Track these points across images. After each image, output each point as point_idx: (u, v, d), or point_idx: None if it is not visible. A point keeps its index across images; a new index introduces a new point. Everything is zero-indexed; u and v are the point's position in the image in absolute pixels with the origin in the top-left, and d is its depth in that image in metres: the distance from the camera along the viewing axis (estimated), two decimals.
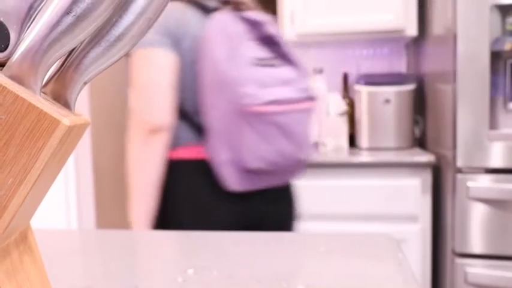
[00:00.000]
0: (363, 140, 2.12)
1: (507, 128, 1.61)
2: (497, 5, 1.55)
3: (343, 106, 2.20)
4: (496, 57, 1.61)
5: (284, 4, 2.18)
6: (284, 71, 1.15)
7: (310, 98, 1.17)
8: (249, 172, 1.11)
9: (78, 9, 0.31)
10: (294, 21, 2.12)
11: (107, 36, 0.34)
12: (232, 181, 1.12)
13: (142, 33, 0.35)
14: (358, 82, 2.16)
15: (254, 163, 1.10)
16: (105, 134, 2.69)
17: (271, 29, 1.16)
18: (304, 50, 2.47)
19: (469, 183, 1.60)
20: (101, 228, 2.57)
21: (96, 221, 2.49)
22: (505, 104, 1.61)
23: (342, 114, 2.19)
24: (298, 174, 1.24)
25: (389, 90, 2.07)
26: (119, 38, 0.35)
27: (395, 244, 0.65)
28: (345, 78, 2.34)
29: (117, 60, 0.36)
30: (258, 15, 1.16)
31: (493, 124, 1.61)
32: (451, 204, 1.66)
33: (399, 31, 2.07)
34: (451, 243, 1.67)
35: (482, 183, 1.59)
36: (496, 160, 1.58)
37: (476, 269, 1.62)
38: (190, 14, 1.14)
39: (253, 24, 1.14)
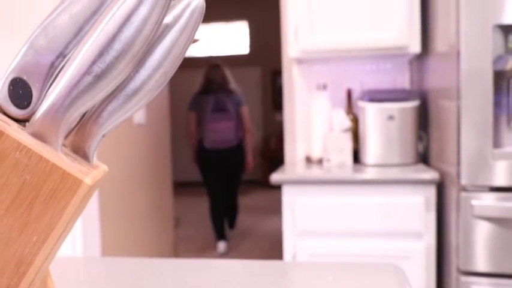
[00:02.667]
0: (367, 156, 2.13)
1: (511, 146, 1.62)
2: (500, 25, 1.56)
3: (347, 122, 2.21)
4: (499, 75, 1.62)
5: (288, 21, 2.20)
6: (223, 113, 3.97)
7: (229, 120, 3.98)
8: (210, 142, 4.01)
9: (99, 70, 0.32)
10: (298, 38, 2.14)
11: (124, 90, 0.36)
12: (207, 144, 4.03)
13: (159, 87, 0.36)
14: (362, 99, 2.17)
15: (209, 139, 4.01)
16: (111, 159, 2.70)
17: (226, 97, 3.97)
18: (308, 66, 2.48)
19: (473, 202, 1.60)
20: (107, 255, 2.57)
21: (101, 248, 2.48)
22: (508, 122, 1.62)
23: (346, 130, 2.20)
24: (232, 145, 4.01)
25: (393, 107, 2.08)
26: (136, 92, 0.36)
27: (403, 275, 0.65)
28: (349, 94, 2.36)
29: (135, 112, 0.37)
30: (224, 94, 3.99)
31: (496, 142, 1.62)
32: (456, 222, 1.67)
33: (403, 48, 2.09)
34: (455, 261, 1.67)
35: (486, 201, 1.60)
36: (500, 178, 1.59)
37: (481, 287, 1.62)
38: (202, 95, 4.02)
39: (220, 96, 3.97)
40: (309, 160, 2.38)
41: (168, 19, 0.36)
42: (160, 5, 0.33)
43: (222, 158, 4.04)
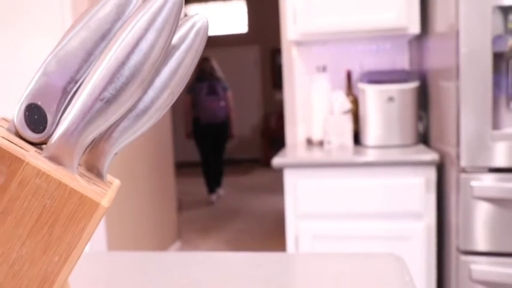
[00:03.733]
0: (368, 137, 2.14)
1: (510, 127, 1.63)
2: (499, 6, 1.56)
3: (347, 104, 2.22)
4: (499, 56, 1.63)
5: (287, 4, 2.19)
6: (214, 96, 5.22)
7: (219, 101, 5.24)
8: (205, 118, 5.23)
9: (109, 95, 0.34)
10: (297, 20, 2.14)
11: (134, 110, 0.37)
12: (202, 120, 5.26)
13: (167, 106, 0.38)
14: (361, 80, 2.18)
15: (204, 116, 5.24)
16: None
17: (216, 83, 5.25)
18: (308, 47, 2.48)
19: (473, 183, 1.63)
20: (111, 239, 2.60)
21: (106, 232, 2.51)
22: (507, 103, 1.63)
23: (346, 112, 2.21)
24: (221, 120, 5.30)
25: (393, 88, 2.09)
26: (144, 112, 0.37)
27: (404, 265, 0.68)
28: (349, 75, 2.36)
29: (145, 131, 0.38)
30: (214, 81, 5.28)
31: (495, 124, 1.63)
32: (455, 203, 1.69)
33: (402, 29, 2.08)
34: (455, 241, 1.71)
35: (485, 182, 1.62)
36: (499, 160, 1.61)
37: (481, 266, 1.65)
38: (197, 82, 5.28)
39: (212, 82, 5.25)
40: (309, 142, 2.40)
41: (174, 40, 0.37)
42: (167, 30, 0.34)
43: (213, 130, 5.31)
